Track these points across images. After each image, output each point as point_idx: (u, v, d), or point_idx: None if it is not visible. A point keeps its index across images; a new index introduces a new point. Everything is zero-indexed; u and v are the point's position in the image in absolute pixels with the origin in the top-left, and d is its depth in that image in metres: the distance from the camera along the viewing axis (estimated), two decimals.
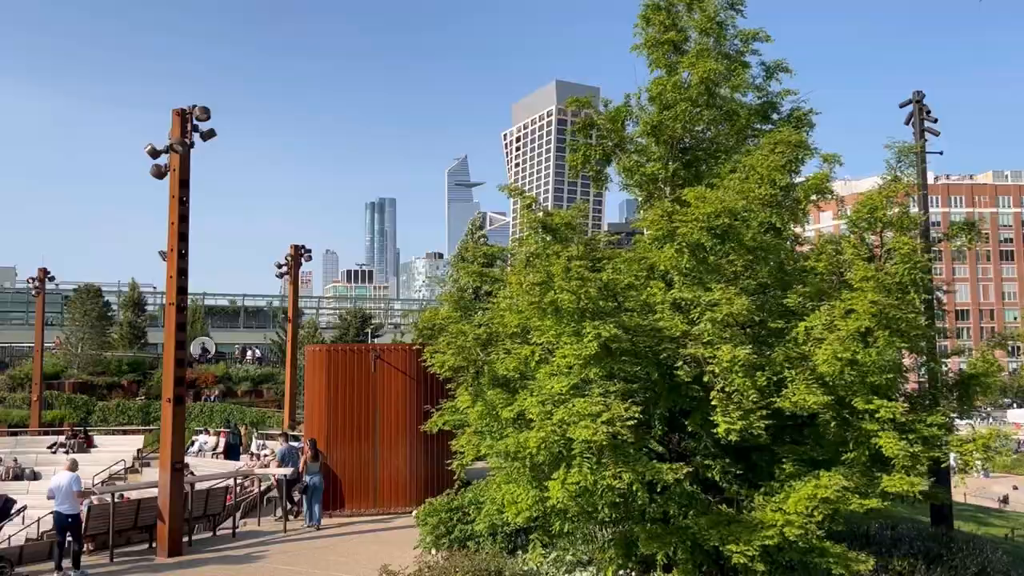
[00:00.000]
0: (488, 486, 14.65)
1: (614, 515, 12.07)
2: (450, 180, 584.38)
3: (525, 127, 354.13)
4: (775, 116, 15.01)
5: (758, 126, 15.03)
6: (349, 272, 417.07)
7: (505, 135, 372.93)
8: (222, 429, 36.06)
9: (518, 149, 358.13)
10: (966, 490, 38.26)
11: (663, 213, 11.83)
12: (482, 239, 48.08)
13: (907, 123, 20.67)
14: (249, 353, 69.22)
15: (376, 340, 67.55)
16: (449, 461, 15.29)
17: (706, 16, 13.98)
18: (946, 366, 15.05)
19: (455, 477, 16.01)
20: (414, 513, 18.04)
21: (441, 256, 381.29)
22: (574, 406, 10.34)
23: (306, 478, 20.13)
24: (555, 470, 11.01)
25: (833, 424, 11.22)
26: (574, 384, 11.14)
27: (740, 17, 14.32)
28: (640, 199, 15.35)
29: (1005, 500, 39.92)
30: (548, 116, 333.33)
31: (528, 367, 12.29)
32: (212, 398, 52.26)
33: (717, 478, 11.66)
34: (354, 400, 21.48)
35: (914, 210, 17.13)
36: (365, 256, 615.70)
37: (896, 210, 14.00)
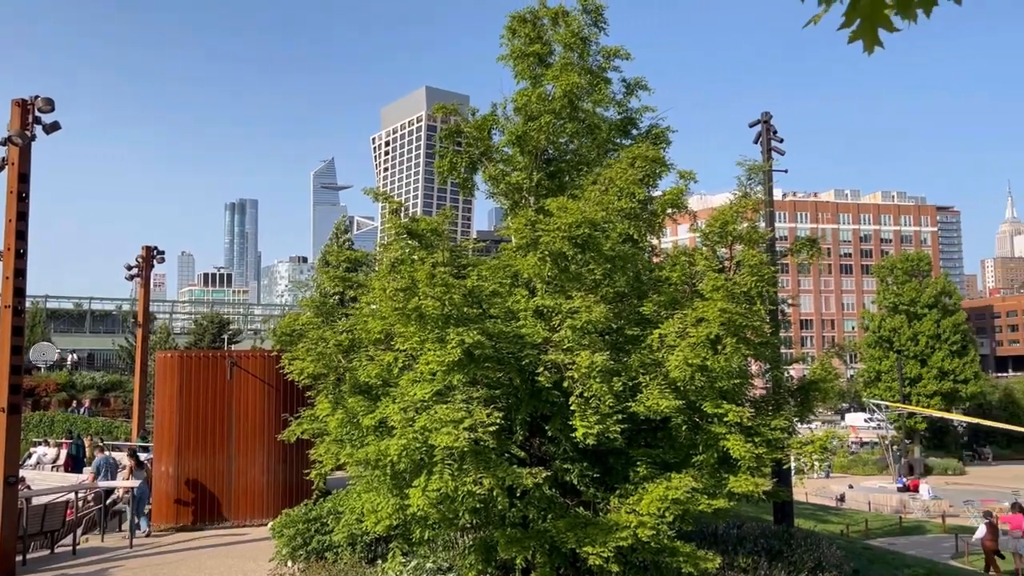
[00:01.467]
0: (348, 495, 14.41)
1: (475, 521, 12.11)
2: (316, 182, 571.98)
3: (395, 131, 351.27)
4: (634, 132, 15.53)
5: (618, 140, 15.51)
6: (207, 275, 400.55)
7: (374, 139, 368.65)
8: (64, 440, 33.84)
9: (387, 154, 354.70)
10: (807, 490, 40.70)
11: (527, 222, 12.00)
12: (347, 243, 47.25)
13: (756, 142, 21.87)
14: (70, 358, 65.12)
15: (234, 346, 65.11)
16: (308, 471, 14.95)
17: (570, 31, 14.31)
18: (789, 373, 15.98)
19: (313, 487, 15.65)
20: (269, 525, 17.51)
21: (305, 260, 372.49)
22: (436, 413, 10.32)
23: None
24: (416, 477, 10.95)
25: (684, 427, 11.70)
26: (437, 390, 11.12)
27: (603, 35, 14.74)
28: (506, 208, 15.52)
29: (842, 499, 42.58)
30: (418, 122, 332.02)
31: (391, 374, 12.18)
32: (83, 409, 48.43)
33: (575, 481, 11.91)
34: (208, 409, 20.65)
35: (763, 225, 18.11)
36: (224, 259, 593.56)
37: (745, 225, 14.76)
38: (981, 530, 24.17)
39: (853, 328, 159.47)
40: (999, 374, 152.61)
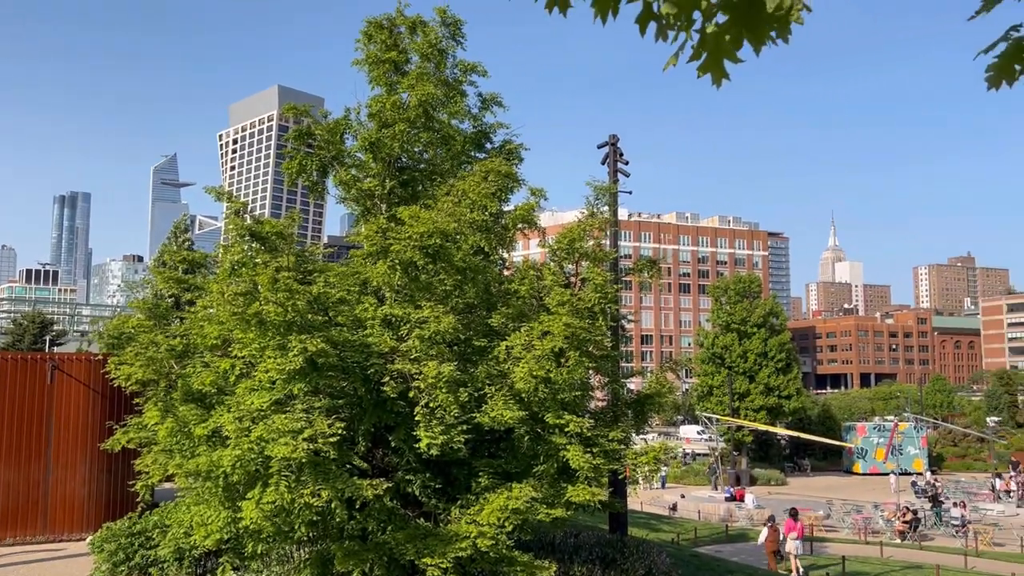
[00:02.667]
0: (176, 508, 13.69)
1: (312, 534, 11.80)
2: (156, 178, 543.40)
3: (244, 129, 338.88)
4: (488, 146, 15.71)
5: (473, 153, 15.64)
6: (29, 271, 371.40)
7: (221, 136, 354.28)
8: None
9: (235, 152, 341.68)
10: (641, 499, 42.22)
11: (378, 229, 11.87)
12: (187, 243, 45.08)
13: (603, 163, 22.62)
14: None
15: (57, 348, 60.65)
16: (133, 482, 14.09)
17: (428, 42, 14.32)
18: (628, 386, 16.56)
19: (139, 499, 14.78)
20: (88, 540, 16.38)
21: (141, 259, 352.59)
22: (274, 423, 9.99)
23: None
24: (251, 489, 10.54)
25: (527, 438, 11.88)
26: (277, 399, 10.77)
27: (461, 48, 14.84)
28: (357, 214, 15.29)
29: (674, 508, 44.44)
30: (269, 121, 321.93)
31: (227, 382, 11.69)
32: None
33: (417, 492, 11.84)
34: (23, 415, 19.11)
35: (608, 244, 18.73)
36: (51, 255, 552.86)
37: (592, 243, 15.22)
38: (764, 533, 26.03)
39: (689, 344, 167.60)
40: (819, 391, 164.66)
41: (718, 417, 58.15)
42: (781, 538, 25.47)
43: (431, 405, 10.78)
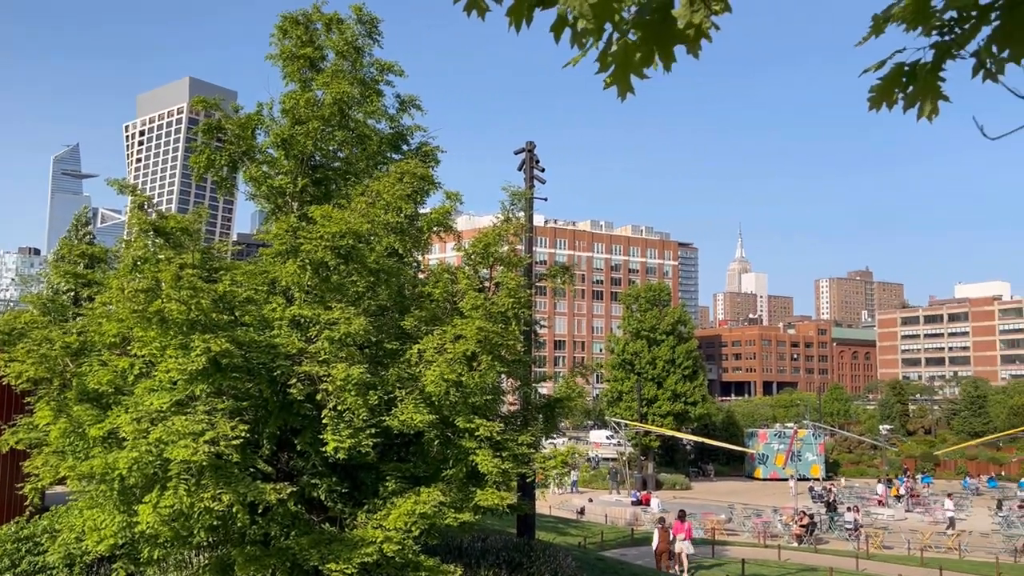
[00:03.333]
0: (68, 512, 13.09)
1: (212, 539, 11.48)
2: (56, 168, 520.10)
3: (151, 120, 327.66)
4: (405, 147, 15.61)
5: (389, 155, 15.52)
6: None
7: (127, 127, 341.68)
8: None
9: (141, 144, 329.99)
10: (550, 503, 42.58)
11: (288, 228, 11.66)
12: (88, 237, 43.27)
13: (520, 169, 22.77)
14: None
15: None
16: (21, 484, 13.42)
17: (344, 39, 14.15)
18: (539, 391, 16.70)
19: (27, 503, 14.09)
20: None
21: (38, 252, 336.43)
22: (174, 424, 9.67)
23: None
24: (148, 493, 10.18)
25: (437, 442, 11.84)
26: (178, 400, 10.44)
27: (378, 47, 14.72)
28: (268, 211, 14.98)
29: (582, 512, 44.95)
30: (179, 113, 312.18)
31: (125, 381, 11.26)
32: None
33: (323, 497, 11.65)
34: None
35: (523, 249, 18.86)
36: None
37: (507, 248, 15.28)
38: (656, 535, 26.90)
39: (601, 350, 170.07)
40: (723, 398, 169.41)
41: (627, 422, 59.15)
42: (671, 538, 26.18)
43: (339, 408, 10.63)
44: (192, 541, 11.11)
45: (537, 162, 22.63)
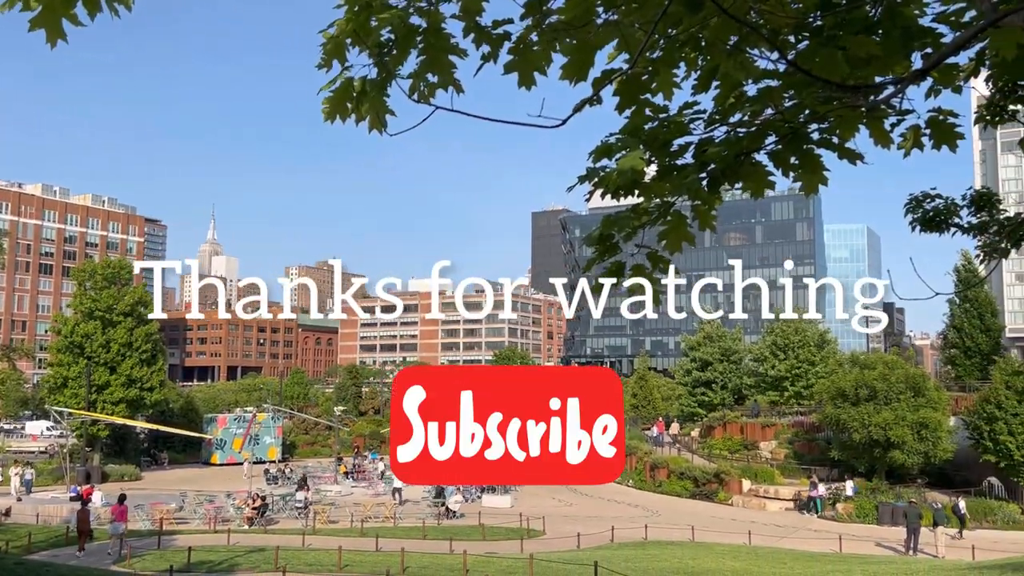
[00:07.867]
0: None
1: None
2: None
3: None
4: None
5: None
6: None
7: None
8: None
9: None
10: None
11: None
12: None
13: None
14: None
15: None
16: None
17: None
18: None
19: None
20: None
21: None
22: None
23: None
24: None
25: None
26: None
27: None
28: None
29: (7, 513, 39.59)
30: None
31: None
32: None
33: None
34: None
35: None
36: None
37: None
38: (72, 517, 26.62)
39: (47, 331, 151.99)
40: (186, 383, 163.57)
41: (72, 411, 53.63)
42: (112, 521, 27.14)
43: None
44: None
45: None
